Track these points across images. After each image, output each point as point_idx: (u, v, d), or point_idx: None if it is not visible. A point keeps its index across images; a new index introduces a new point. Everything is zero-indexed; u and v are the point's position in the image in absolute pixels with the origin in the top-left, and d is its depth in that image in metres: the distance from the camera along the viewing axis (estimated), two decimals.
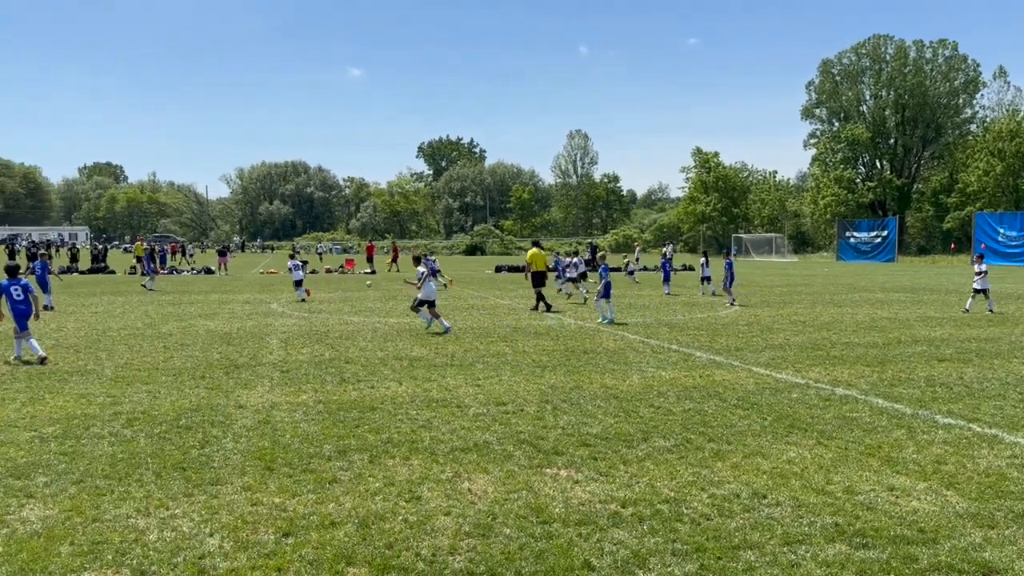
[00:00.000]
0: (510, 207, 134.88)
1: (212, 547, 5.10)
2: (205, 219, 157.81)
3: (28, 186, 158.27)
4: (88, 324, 17.36)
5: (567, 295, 25.64)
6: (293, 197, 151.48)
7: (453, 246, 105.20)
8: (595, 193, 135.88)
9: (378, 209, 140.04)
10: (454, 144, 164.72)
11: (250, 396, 9.72)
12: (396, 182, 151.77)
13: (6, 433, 7.84)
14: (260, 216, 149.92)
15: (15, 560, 4.85)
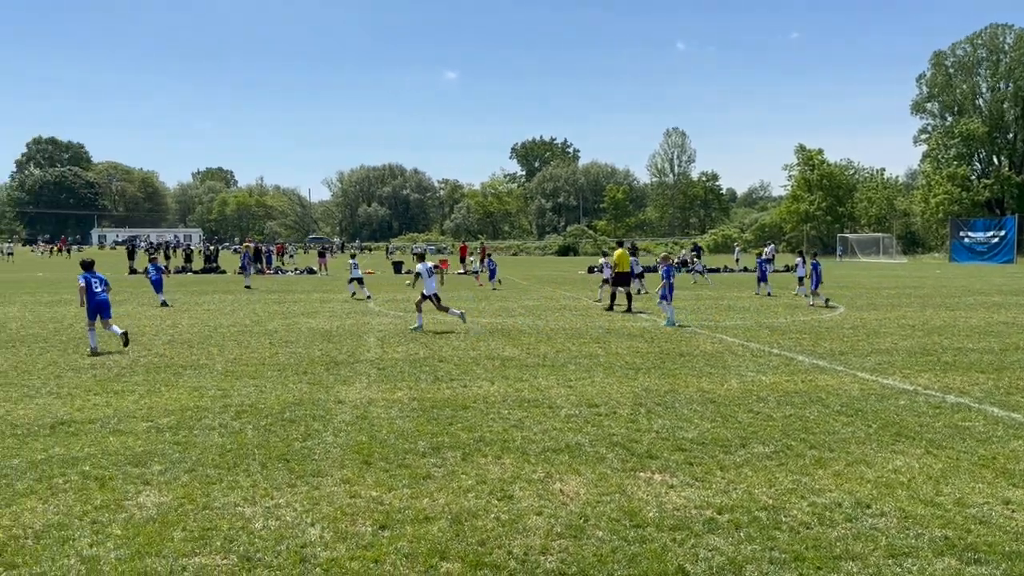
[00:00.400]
0: (604, 207, 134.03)
1: (313, 537, 5.29)
2: (308, 221, 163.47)
3: (147, 190, 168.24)
4: (201, 321, 18.27)
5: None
6: (390, 199, 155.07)
7: (545, 247, 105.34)
8: (693, 192, 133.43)
9: (471, 210, 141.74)
10: (547, 144, 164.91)
11: (349, 392, 10.01)
12: (489, 183, 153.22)
13: (125, 423, 8.34)
14: (359, 218, 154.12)
15: (132, 543, 5.16)
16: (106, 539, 5.22)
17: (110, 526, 5.44)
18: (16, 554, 4.97)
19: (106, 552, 5.01)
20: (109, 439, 7.68)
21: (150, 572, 4.74)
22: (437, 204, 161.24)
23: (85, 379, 10.81)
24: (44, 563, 4.85)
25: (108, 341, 13.90)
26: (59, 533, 5.31)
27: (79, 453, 7.20)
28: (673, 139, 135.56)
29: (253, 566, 4.84)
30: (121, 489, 6.22)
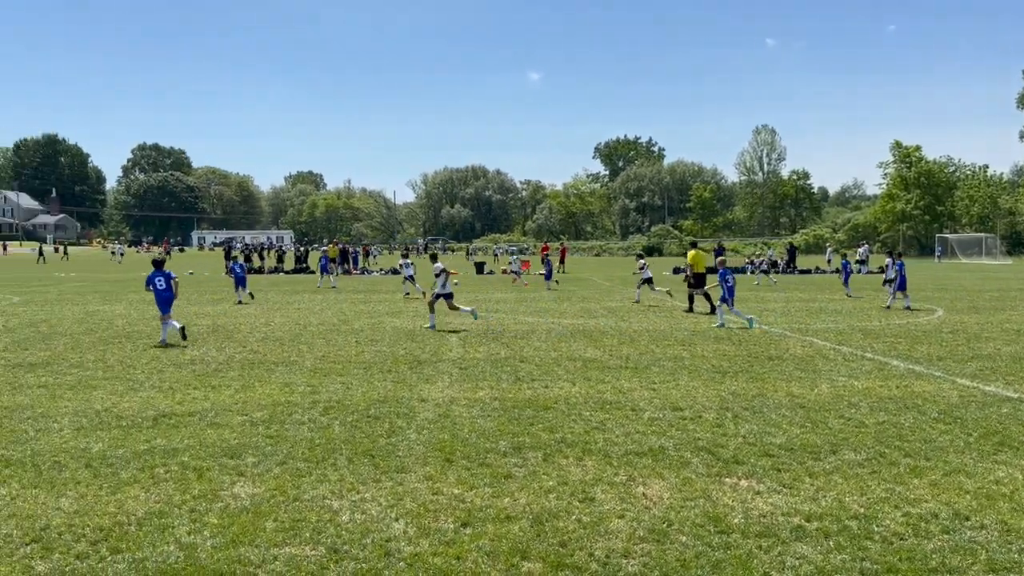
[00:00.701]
0: (690, 206, 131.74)
1: (397, 531, 5.40)
2: (392, 223, 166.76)
3: (242, 194, 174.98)
4: (292, 320, 18.89)
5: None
6: (472, 200, 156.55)
7: (629, 247, 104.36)
8: (783, 191, 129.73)
9: (554, 211, 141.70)
10: (631, 144, 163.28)
11: (432, 391, 10.17)
12: (572, 183, 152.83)
13: (222, 416, 8.70)
14: (442, 219, 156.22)
15: (228, 532, 5.38)
16: (203, 527, 5.46)
17: (207, 515, 5.69)
18: (120, 539, 5.25)
19: (203, 540, 5.24)
20: (207, 431, 8.03)
21: (243, 561, 4.93)
22: (519, 205, 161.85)
23: (185, 374, 11.32)
24: (146, 549, 5.11)
25: (206, 339, 14.49)
26: (159, 521, 5.58)
27: (179, 444, 7.55)
28: (762, 137, 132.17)
29: (340, 558, 4.98)
30: (217, 480, 6.50)
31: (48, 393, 9.96)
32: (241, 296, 24.01)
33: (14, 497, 6.05)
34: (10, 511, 5.75)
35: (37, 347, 13.97)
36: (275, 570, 4.81)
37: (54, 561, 4.91)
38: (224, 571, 4.79)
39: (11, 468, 6.78)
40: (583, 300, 25.26)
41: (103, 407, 9.16)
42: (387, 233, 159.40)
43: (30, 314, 19.88)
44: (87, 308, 21.73)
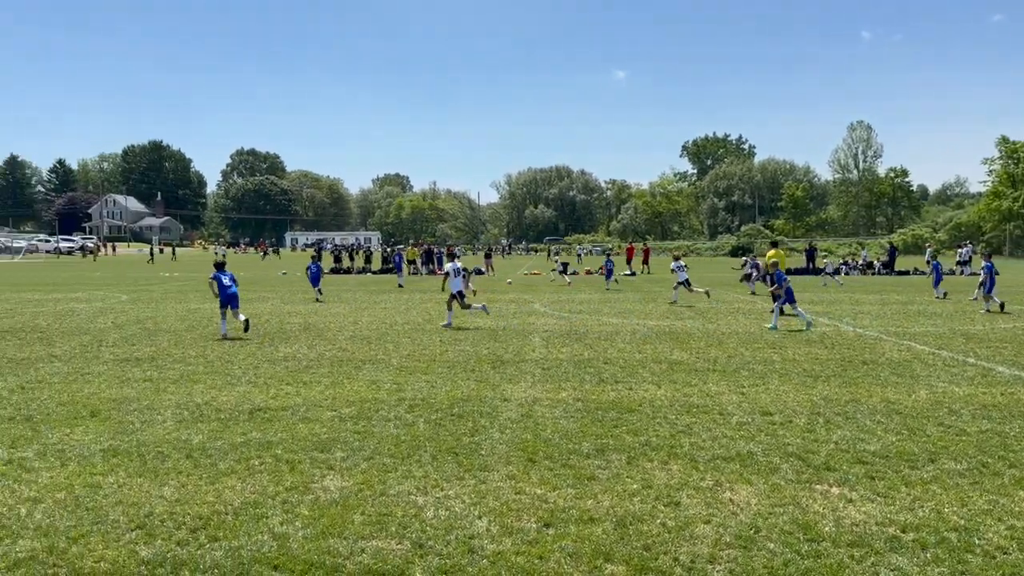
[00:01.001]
0: (781, 205, 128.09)
1: (480, 529, 5.45)
2: (476, 223, 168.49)
3: (332, 196, 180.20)
4: (378, 319, 19.32)
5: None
6: (556, 200, 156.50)
7: (717, 247, 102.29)
8: (879, 189, 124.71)
9: (639, 210, 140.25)
10: (720, 141, 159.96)
11: (514, 390, 10.22)
12: (658, 183, 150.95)
13: (313, 412, 8.98)
14: (525, 219, 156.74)
15: (318, 524, 5.55)
16: (295, 518, 5.65)
17: (298, 506, 5.88)
18: (218, 528, 5.49)
19: (295, 530, 5.43)
20: (298, 426, 8.31)
21: (333, 552, 5.08)
22: (604, 205, 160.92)
23: (279, 370, 11.73)
24: (241, 537, 5.32)
25: (298, 337, 14.98)
26: (254, 510, 5.80)
27: (273, 438, 7.83)
28: (858, 133, 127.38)
29: (425, 553, 5.07)
30: (308, 472, 6.71)
31: (153, 387, 10.49)
32: (319, 294, 25.23)
33: (121, 485, 6.40)
34: (117, 498, 6.08)
35: (143, 343, 14.73)
36: (362, 562, 4.94)
37: (156, 547, 5.17)
38: (314, 561, 4.94)
39: (118, 457, 7.17)
40: (669, 301, 24.91)
41: (203, 400, 9.59)
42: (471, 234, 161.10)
43: (137, 312, 20.97)
44: (189, 306, 22.78)
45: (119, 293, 28.35)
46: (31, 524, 5.54)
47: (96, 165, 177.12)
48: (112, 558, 4.99)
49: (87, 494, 6.17)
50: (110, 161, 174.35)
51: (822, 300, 25.22)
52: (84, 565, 4.89)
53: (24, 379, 10.99)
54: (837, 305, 23.29)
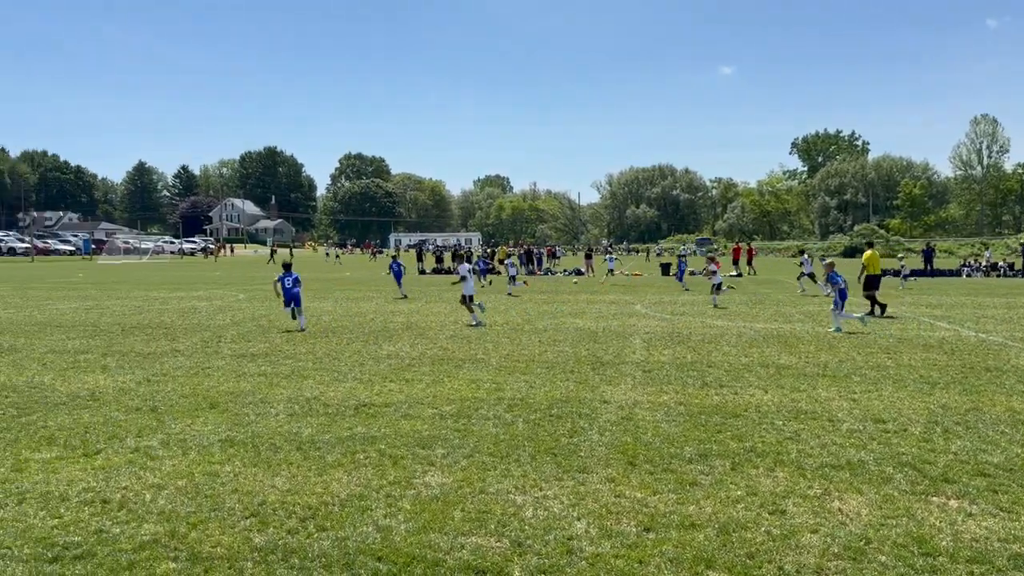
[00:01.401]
0: (897, 204, 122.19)
1: (579, 530, 5.44)
2: (576, 224, 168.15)
3: (435, 198, 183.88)
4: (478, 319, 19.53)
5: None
6: (659, 200, 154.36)
7: (829, 248, 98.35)
8: (1006, 186, 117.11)
9: (746, 210, 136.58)
10: (832, 138, 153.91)
11: (614, 392, 10.14)
12: (767, 181, 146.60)
13: (415, 409, 9.18)
14: (627, 219, 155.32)
15: (419, 518, 5.67)
16: (397, 512, 5.79)
17: (401, 501, 6.03)
18: (325, 518, 5.69)
19: (397, 524, 5.56)
20: (401, 422, 8.51)
21: (434, 547, 5.18)
22: (709, 204, 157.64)
23: (383, 368, 12.06)
24: (347, 528, 5.50)
25: (401, 336, 15.33)
26: (359, 503, 5.98)
27: (377, 433, 8.05)
28: (982, 127, 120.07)
29: (524, 552, 5.10)
30: (410, 468, 6.86)
31: (266, 381, 10.97)
32: (401, 292, 26.68)
33: (237, 474, 6.73)
34: (233, 487, 6.40)
35: (258, 339, 15.43)
36: (462, 558, 5.01)
37: (269, 534, 5.41)
38: (416, 555, 5.05)
39: (235, 448, 7.54)
40: (777, 304, 24.15)
41: (312, 395, 9.96)
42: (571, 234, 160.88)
43: (252, 309, 21.99)
44: None
45: (237, 292, 29.78)
46: (155, 509, 5.89)
47: (216, 170, 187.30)
48: (228, 544, 5.25)
49: (206, 482, 6.51)
50: (229, 167, 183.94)
51: (941, 304, 23.89)
52: (202, 550, 5.16)
53: (150, 372, 11.70)
54: (958, 309, 21.99)
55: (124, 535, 5.39)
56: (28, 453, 7.36)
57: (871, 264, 20.25)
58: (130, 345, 14.61)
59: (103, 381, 10.98)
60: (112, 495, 6.18)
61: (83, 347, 14.32)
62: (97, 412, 9.07)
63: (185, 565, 4.93)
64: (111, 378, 11.21)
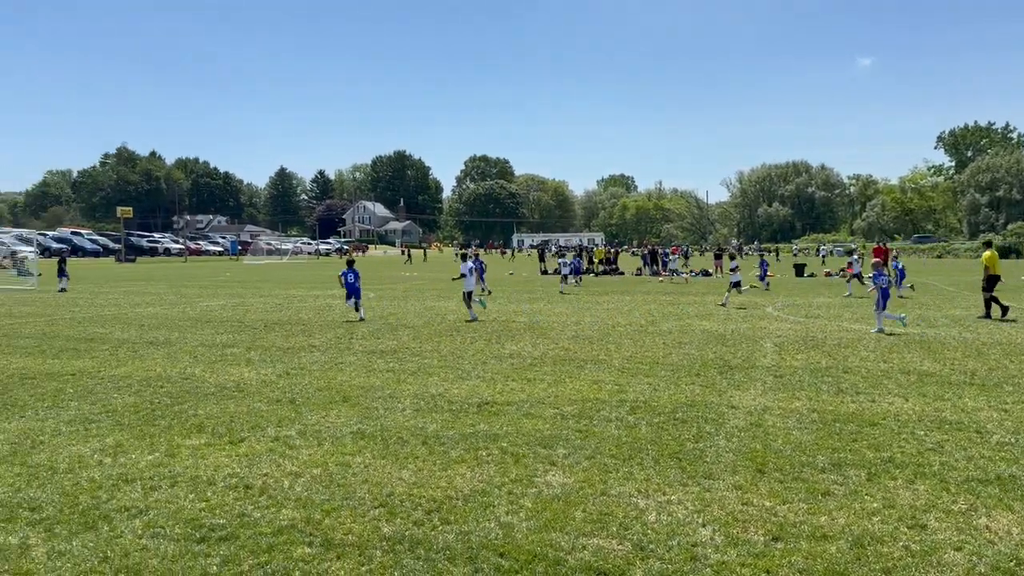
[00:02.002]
0: None
1: (704, 537, 5.32)
2: (704, 223, 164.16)
3: (558, 198, 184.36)
4: (600, 319, 19.46)
5: None
6: (792, 198, 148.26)
7: (979, 247, 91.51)
8: None
9: (886, 208, 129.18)
10: (984, 131, 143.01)
11: (743, 397, 9.84)
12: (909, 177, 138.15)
13: (536, 408, 9.25)
14: (758, 219, 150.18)
15: (540, 517, 5.71)
16: (519, 509, 5.86)
17: (522, 498, 6.09)
18: (450, 512, 5.83)
19: (519, 521, 5.63)
20: (523, 421, 8.60)
21: (555, 545, 5.20)
22: (846, 202, 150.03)
23: (504, 367, 12.22)
24: (470, 523, 5.61)
25: (523, 335, 15.47)
26: (482, 499, 6.09)
27: (499, 431, 8.17)
28: None
29: (646, 556, 5.04)
30: (532, 466, 6.92)
31: (394, 377, 11.35)
32: (484, 285, 28.21)
33: (367, 465, 7.01)
34: (363, 477, 6.66)
35: (386, 337, 15.99)
36: (583, 559, 5.01)
37: (396, 525, 5.60)
38: (537, 553, 5.09)
39: (365, 440, 7.85)
40: (921, 307, 22.73)
41: (437, 392, 10.22)
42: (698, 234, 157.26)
43: (382, 308, 22.80)
44: (426, 303, 24.39)
45: (368, 291, 30.97)
46: (292, 496, 6.22)
47: (350, 175, 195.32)
48: (358, 532, 5.48)
49: (339, 471, 6.82)
50: (361, 171, 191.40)
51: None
52: (335, 536, 5.41)
53: (289, 366, 12.36)
54: None
55: (264, 519, 5.72)
56: (180, 439, 7.94)
57: (992, 264, 19.12)
58: (271, 340, 15.48)
59: (247, 373, 11.69)
60: (254, 481, 6.58)
61: (230, 341, 15.30)
62: (241, 402, 9.67)
63: (319, 550, 5.18)
64: (254, 371, 11.92)
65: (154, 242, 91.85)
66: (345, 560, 5.03)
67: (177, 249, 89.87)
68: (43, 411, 9.22)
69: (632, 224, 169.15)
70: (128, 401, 9.77)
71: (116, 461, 7.18)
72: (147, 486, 6.47)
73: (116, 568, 4.92)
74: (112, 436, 8.06)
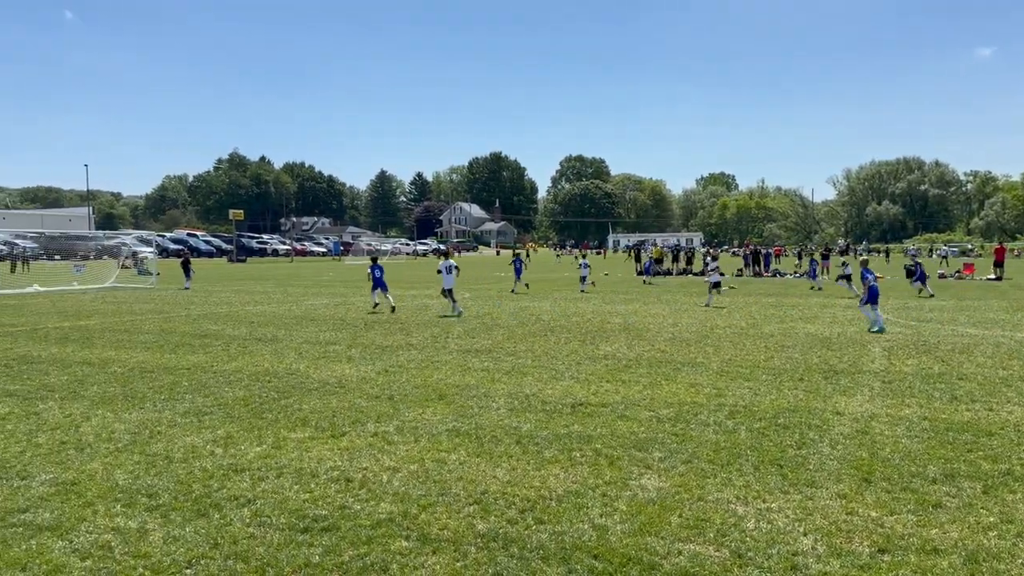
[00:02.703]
0: None
1: (805, 546, 5.15)
2: (809, 222, 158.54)
3: (655, 198, 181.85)
4: (699, 321, 19.09)
5: None
6: (904, 196, 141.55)
7: None
8: None
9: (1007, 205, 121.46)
10: None
11: (848, 404, 9.46)
12: None
13: (631, 410, 9.16)
14: (867, 217, 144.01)
15: (635, 520, 5.66)
16: (613, 512, 5.82)
17: (616, 501, 6.05)
18: (543, 512, 5.85)
19: (613, 524, 5.59)
20: (617, 423, 8.53)
21: (650, 550, 5.14)
22: (963, 200, 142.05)
23: (599, 368, 12.15)
24: (564, 523, 5.61)
25: (617, 337, 15.34)
26: (576, 500, 6.09)
27: (593, 432, 8.14)
28: None
29: (744, 563, 4.92)
30: (626, 469, 6.86)
31: (488, 376, 11.47)
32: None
33: (462, 463, 7.11)
34: (458, 474, 6.77)
35: (481, 336, 16.17)
36: (679, 564, 4.93)
37: (491, 522, 5.66)
38: (632, 556, 5.05)
39: (460, 437, 7.97)
40: None
41: (531, 392, 10.27)
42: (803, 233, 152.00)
43: (477, 308, 23.07)
44: (520, 304, 24.52)
45: (463, 291, 31.41)
46: (390, 490, 6.38)
47: (447, 176, 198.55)
48: (453, 527, 5.57)
49: (435, 468, 6.95)
50: (458, 172, 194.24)
51: None
52: (431, 531, 5.52)
53: (388, 363, 12.67)
54: None
55: (364, 512, 5.89)
56: (286, 432, 8.27)
57: None
58: (371, 338, 15.91)
59: (348, 370, 12.06)
60: (354, 474, 6.78)
61: (332, 339, 15.82)
62: (343, 398, 9.98)
63: (416, 544, 5.30)
64: (355, 368, 12.29)
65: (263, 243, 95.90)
66: (441, 555, 5.13)
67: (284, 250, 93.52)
68: (160, 403, 9.78)
69: (733, 223, 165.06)
70: (238, 395, 10.25)
71: (227, 452, 7.55)
72: (255, 476, 6.77)
73: (225, 554, 5.17)
74: (223, 428, 8.47)
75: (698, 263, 49.66)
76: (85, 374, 11.84)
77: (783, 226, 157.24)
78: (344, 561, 5.05)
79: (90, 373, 11.92)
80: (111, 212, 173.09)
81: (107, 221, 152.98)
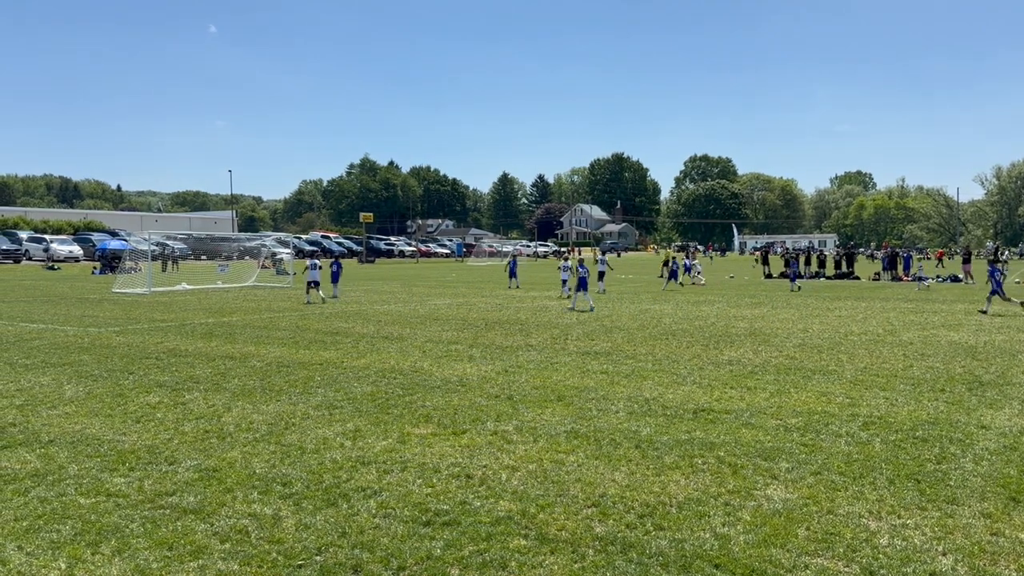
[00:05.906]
0: None
1: (944, 567, 4.84)
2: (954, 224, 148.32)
3: (784, 198, 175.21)
4: (831, 327, 18.25)
5: None
6: None
7: None
8: None
9: None
10: None
11: (996, 417, 8.81)
12: None
13: (756, 418, 8.88)
14: (1019, 219, 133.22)
15: (760, 532, 5.49)
16: (736, 522, 5.66)
17: (740, 511, 5.88)
18: (662, 518, 5.77)
19: (736, 534, 5.44)
20: (741, 431, 8.29)
21: (775, 562, 4.98)
22: None
23: (722, 373, 11.84)
24: (684, 531, 5.51)
25: (743, 342, 14.90)
26: (697, 508, 5.96)
27: (715, 439, 7.94)
28: None
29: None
30: (751, 479, 6.66)
31: (608, 379, 11.41)
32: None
33: (580, 464, 7.11)
34: (577, 476, 6.77)
35: (600, 338, 16.10)
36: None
37: (609, 526, 5.63)
38: (756, 568, 4.90)
39: (578, 440, 7.97)
40: None
41: (651, 396, 10.13)
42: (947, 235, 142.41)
43: (597, 310, 22.97)
44: (640, 306, 24.24)
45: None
46: (509, 488, 6.47)
47: (568, 178, 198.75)
48: (571, 529, 5.58)
49: (553, 468, 6.98)
50: (579, 174, 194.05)
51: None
52: (548, 531, 5.55)
53: (508, 363, 12.83)
54: None
55: (483, 509, 6.00)
56: (410, 428, 8.53)
57: None
58: (491, 338, 16.15)
59: (469, 369, 12.30)
60: (475, 471, 6.91)
61: (454, 338, 16.18)
62: (464, 396, 10.19)
63: (534, 543, 5.34)
64: (476, 367, 12.52)
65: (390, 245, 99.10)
66: (559, 556, 5.15)
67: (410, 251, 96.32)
68: (295, 396, 10.31)
69: (870, 225, 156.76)
70: (366, 390, 10.66)
71: (355, 444, 7.87)
72: (381, 469, 7.02)
73: (353, 543, 5.39)
74: (352, 421, 8.84)
75: (860, 266, 47.29)
76: (227, 367, 12.63)
77: (925, 227, 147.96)
78: (464, 556, 5.16)
79: (232, 366, 12.71)
80: (252, 215, 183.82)
81: (249, 223, 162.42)
